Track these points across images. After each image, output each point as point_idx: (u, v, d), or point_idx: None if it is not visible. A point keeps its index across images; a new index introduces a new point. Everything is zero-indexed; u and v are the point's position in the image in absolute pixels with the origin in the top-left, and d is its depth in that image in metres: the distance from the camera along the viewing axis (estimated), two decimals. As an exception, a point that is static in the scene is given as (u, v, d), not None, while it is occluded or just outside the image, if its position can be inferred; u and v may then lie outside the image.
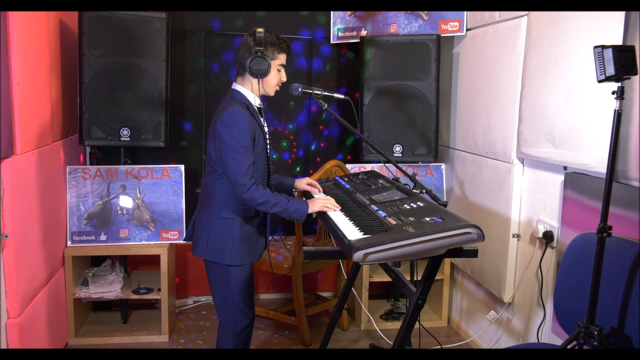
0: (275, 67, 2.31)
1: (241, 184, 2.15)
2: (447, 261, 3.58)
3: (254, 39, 2.26)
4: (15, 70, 2.39)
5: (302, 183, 2.61)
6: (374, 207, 2.17)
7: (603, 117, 2.13)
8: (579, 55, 2.30)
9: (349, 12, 3.66)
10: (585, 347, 1.96)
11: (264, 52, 2.25)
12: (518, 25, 2.79)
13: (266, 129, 2.38)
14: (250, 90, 2.32)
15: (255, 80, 2.30)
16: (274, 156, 2.40)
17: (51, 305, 2.94)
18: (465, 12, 3.41)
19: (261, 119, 2.34)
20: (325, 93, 2.50)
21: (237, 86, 2.33)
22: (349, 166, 3.44)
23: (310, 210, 2.26)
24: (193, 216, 2.47)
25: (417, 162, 3.56)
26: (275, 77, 2.33)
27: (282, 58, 2.33)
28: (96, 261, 3.52)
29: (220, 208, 2.29)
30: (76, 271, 3.25)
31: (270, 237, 2.92)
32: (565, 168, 2.47)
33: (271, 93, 2.36)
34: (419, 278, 2.19)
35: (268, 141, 2.39)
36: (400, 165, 2.56)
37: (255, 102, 2.33)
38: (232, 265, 2.30)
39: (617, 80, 1.70)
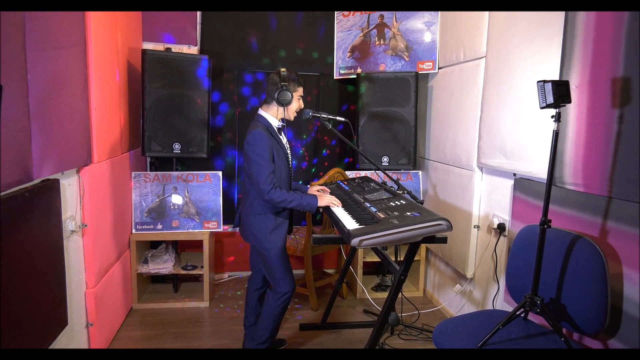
0: (296, 98, 2.31)
1: (263, 188, 2.16)
2: (423, 246, 3.56)
3: (279, 77, 2.26)
4: (93, 99, 2.41)
5: (313, 191, 2.56)
6: (367, 204, 2.17)
7: (544, 135, 2.12)
8: (525, 87, 2.29)
9: (348, 55, 3.66)
10: (530, 313, 1.95)
11: (287, 86, 2.26)
12: (478, 65, 2.78)
13: (287, 145, 2.37)
14: (273, 115, 2.31)
15: (280, 108, 2.30)
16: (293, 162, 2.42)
17: (119, 278, 2.95)
18: (437, 55, 3.40)
19: (280, 137, 2.34)
20: (330, 116, 2.50)
21: (262, 112, 2.33)
22: (348, 172, 3.43)
23: (319, 204, 2.26)
24: (239, 210, 2.48)
25: (400, 170, 3.54)
26: (295, 105, 2.33)
27: (300, 90, 2.33)
28: (154, 245, 3.54)
29: (255, 207, 2.30)
30: (139, 252, 3.27)
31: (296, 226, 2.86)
32: (514, 175, 2.46)
33: (291, 118, 2.35)
34: (402, 259, 2.19)
35: (289, 153, 2.38)
36: (387, 172, 2.55)
37: (275, 123, 2.33)
38: (268, 247, 2.31)
39: (555, 107, 1.70)
